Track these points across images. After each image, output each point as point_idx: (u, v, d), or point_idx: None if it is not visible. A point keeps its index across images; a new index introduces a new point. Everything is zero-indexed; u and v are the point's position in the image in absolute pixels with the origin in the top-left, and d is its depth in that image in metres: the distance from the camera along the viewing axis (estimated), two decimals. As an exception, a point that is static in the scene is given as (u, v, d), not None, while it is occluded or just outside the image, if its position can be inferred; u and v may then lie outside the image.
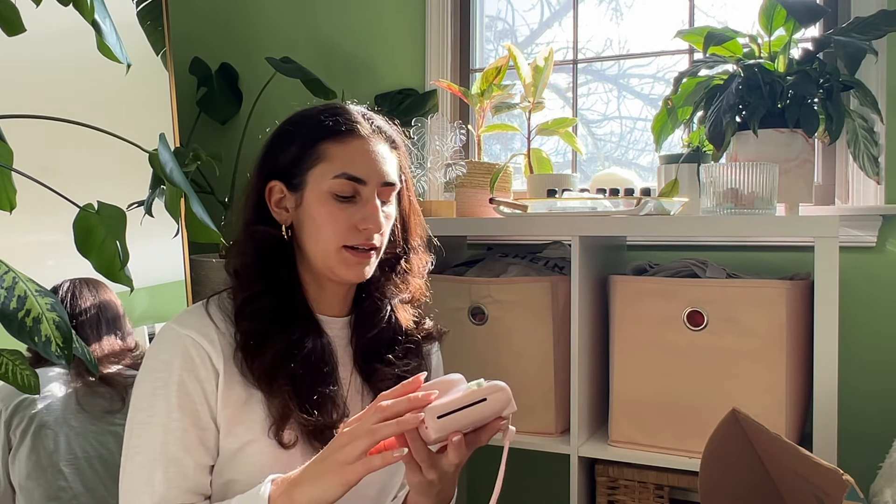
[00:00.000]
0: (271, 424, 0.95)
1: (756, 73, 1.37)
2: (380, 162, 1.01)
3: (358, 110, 1.05)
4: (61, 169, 1.56)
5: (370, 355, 1.06)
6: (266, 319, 0.98)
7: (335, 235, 0.99)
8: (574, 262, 1.41)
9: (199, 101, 2.19)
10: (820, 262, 1.22)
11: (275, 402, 0.95)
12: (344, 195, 0.99)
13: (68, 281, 1.56)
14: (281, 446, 0.95)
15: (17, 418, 1.42)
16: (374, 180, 1.00)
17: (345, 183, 0.99)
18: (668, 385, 1.39)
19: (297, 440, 0.96)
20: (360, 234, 0.99)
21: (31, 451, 1.40)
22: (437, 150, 1.63)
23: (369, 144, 1.01)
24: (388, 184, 1.02)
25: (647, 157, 1.97)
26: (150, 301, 1.78)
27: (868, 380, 1.62)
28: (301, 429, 0.96)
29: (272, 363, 0.96)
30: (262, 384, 0.96)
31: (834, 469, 0.87)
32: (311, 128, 1.01)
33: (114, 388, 1.50)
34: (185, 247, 1.85)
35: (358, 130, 1.01)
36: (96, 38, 1.28)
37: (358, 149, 1.00)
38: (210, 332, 0.97)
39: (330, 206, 0.99)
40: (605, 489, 1.46)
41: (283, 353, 0.97)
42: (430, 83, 2.01)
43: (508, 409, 0.88)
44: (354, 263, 1.00)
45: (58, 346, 1.10)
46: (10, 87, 1.52)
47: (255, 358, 0.96)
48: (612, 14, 1.96)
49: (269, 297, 1.00)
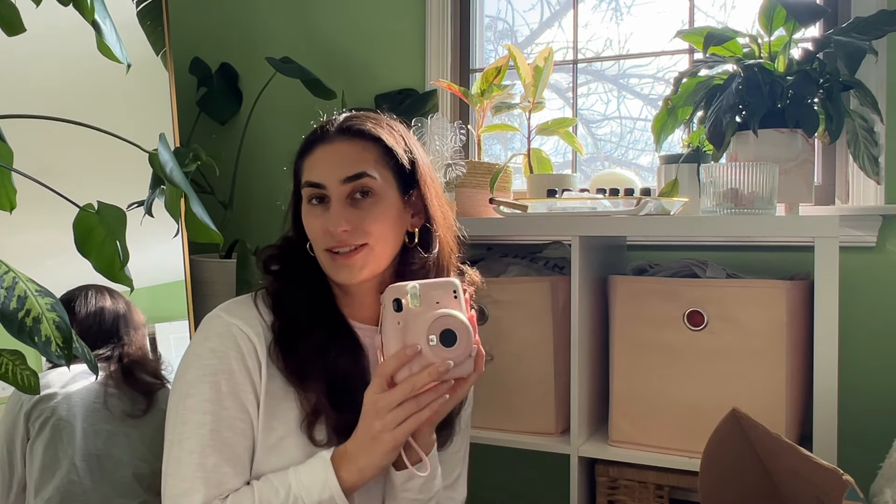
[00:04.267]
0: (303, 420, 0.97)
1: (756, 73, 1.37)
2: (338, 160, 1.01)
3: (339, 116, 1.06)
4: (61, 169, 1.56)
5: None
6: (299, 316, 1.01)
7: (317, 242, 1.02)
8: (574, 262, 1.41)
9: (199, 101, 2.19)
10: (820, 262, 1.22)
11: (307, 398, 0.97)
12: (314, 202, 1.02)
13: (81, 288, 1.59)
14: (312, 443, 0.97)
15: (37, 410, 1.45)
16: (331, 180, 1.00)
17: (309, 191, 1.01)
18: (668, 385, 1.39)
19: (328, 439, 0.97)
20: (331, 237, 0.99)
21: (48, 444, 1.43)
22: (437, 150, 1.63)
23: (329, 149, 1.02)
24: (350, 178, 0.99)
25: (647, 157, 1.97)
26: (150, 301, 1.78)
27: (868, 380, 1.62)
28: (332, 427, 0.97)
29: (305, 360, 0.98)
30: (295, 379, 0.98)
31: (834, 469, 0.87)
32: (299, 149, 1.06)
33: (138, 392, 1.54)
34: (185, 247, 1.85)
35: (322, 138, 1.03)
36: (96, 38, 1.28)
37: (318, 155, 1.02)
38: (256, 324, 1.00)
39: (308, 215, 1.02)
40: (605, 489, 1.46)
41: (316, 350, 0.99)
42: (430, 83, 2.01)
43: None
44: (340, 266, 1.00)
45: (58, 346, 1.10)
46: (10, 87, 1.52)
47: (289, 354, 0.98)
48: (612, 14, 1.96)
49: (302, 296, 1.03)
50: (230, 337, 0.98)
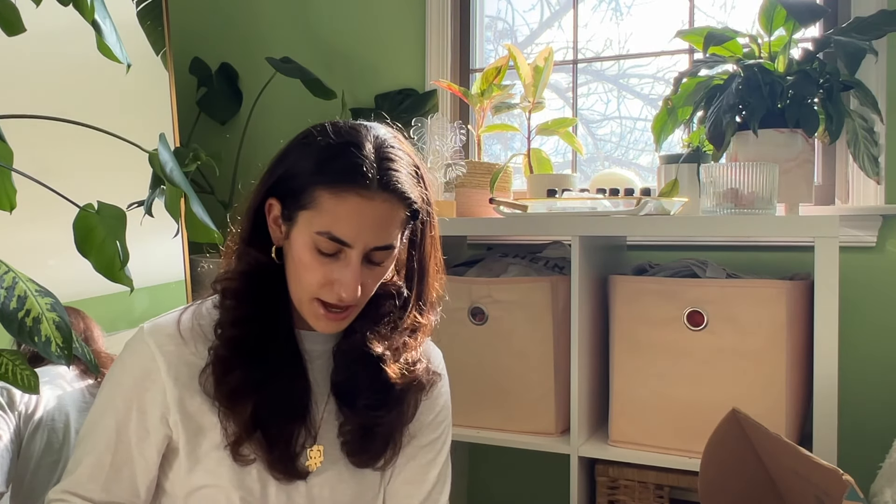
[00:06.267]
0: (227, 444, 0.94)
1: (756, 73, 1.37)
2: (374, 226, 0.90)
3: (371, 152, 0.91)
4: (61, 169, 1.56)
5: (344, 395, 1.01)
6: (242, 349, 0.95)
7: (309, 287, 0.93)
8: (574, 262, 1.41)
9: (199, 101, 2.19)
10: (820, 262, 1.22)
11: (233, 421, 0.93)
12: (325, 252, 0.91)
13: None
14: (240, 458, 0.94)
15: (31, 413, 1.43)
16: (360, 244, 0.90)
17: (328, 242, 0.90)
18: (669, 385, 1.39)
19: (255, 458, 0.94)
20: (333, 292, 0.92)
21: (43, 449, 1.41)
22: (437, 150, 1.63)
23: (367, 206, 0.89)
24: (379, 248, 0.92)
25: (647, 157, 1.97)
26: (150, 301, 1.78)
27: (868, 380, 1.62)
28: (259, 454, 0.94)
29: (235, 390, 0.94)
30: (222, 404, 0.94)
31: (834, 469, 0.87)
32: (313, 164, 0.91)
33: None
34: (185, 247, 1.85)
35: (358, 184, 0.89)
36: (96, 38, 1.28)
37: (351, 209, 0.89)
38: (168, 343, 0.96)
39: (310, 256, 0.91)
40: (605, 489, 1.46)
41: (250, 385, 0.94)
42: (430, 83, 2.01)
43: None
44: (324, 318, 0.94)
45: (58, 346, 1.10)
46: (10, 87, 1.52)
47: (220, 383, 0.94)
48: (612, 14, 1.96)
49: (252, 324, 0.96)
50: (139, 354, 0.96)
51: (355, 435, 0.99)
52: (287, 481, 0.95)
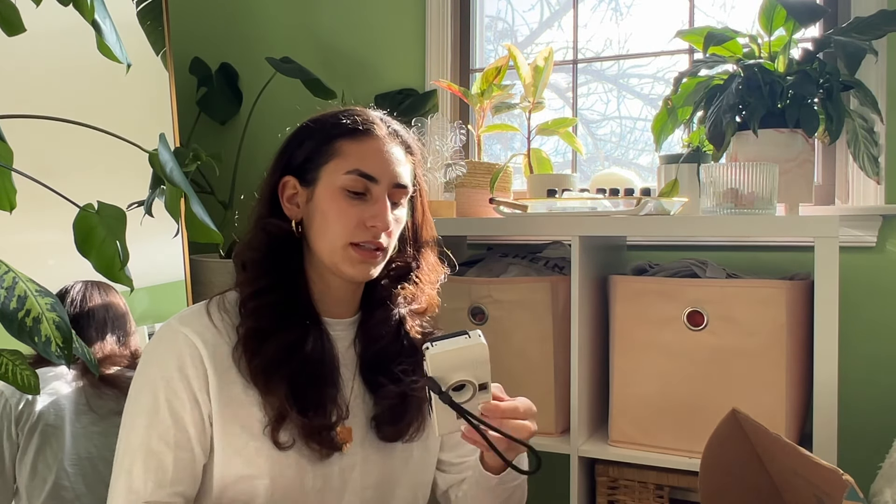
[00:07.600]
0: (267, 424, 0.96)
1: (756, 73, 1.37)
2: (393, 163, 1.02)
3: (376, 114, 1.06)
4: (61, 169, 1.56)
5: (375, 367, 1.05)
6: (268, 317, 0.99)
7: (343, 231, 0.99)
8: (574, 262, 1.41)
9: (199, 101, 2.19)
10: (820, 262, 1.22)
11: (271, 402, 0.96)
12: (355, 191, 1.00)
13: (81, 282, 1.57)
14: (276, 447, 0.95)
15: (25, 415, 1.42)
16: (386, 180, 1.01)
17: (357, 179, 1.00)
18: (668, 385, 1.39)
19: (293, 442, 0.96)
20: (367, 231, 0.99)
21: (38, 450, 1.40)
22: (437, 150, 1.63)
23: (384, 145, 1.02)
24: (400, 185, 1.03)
25: (647, 157, 1.97)
26: (150, 301, 1.78)
27: (868, 380, 1.62)
28: (298, 430, 0.96)
29: (270, 362, 0.96)
30: (259, 383, 0.96)
31: (834, 469, 0.87)
32: (328, 125, 1.03)
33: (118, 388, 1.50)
34: (185, 247, 1.85)
35: (374, 130, 1.02)
36: (96, 38, 1.28)
37: (372, 147, 1.01)
38: (205, 332, 0.98)
39: (340, 201, 1.00)
40: (605, 489, 1.46)
41: (282, 353, 0.97)
42: (430, 83, 2.01)
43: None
44: (359, 261, 1.00)
45: (58, 346, 1.10)
46: (10, 87, 1.52)
47: (254, 356, 0.97)
48: (612, 14, 1.96)
49: (274, 293, 1.00)
50: (174, 345, 0.97)
51: (392, 406, 1.03)
52: (324, 455, 0.98)
